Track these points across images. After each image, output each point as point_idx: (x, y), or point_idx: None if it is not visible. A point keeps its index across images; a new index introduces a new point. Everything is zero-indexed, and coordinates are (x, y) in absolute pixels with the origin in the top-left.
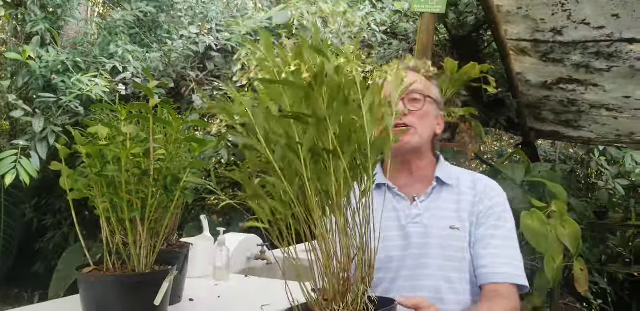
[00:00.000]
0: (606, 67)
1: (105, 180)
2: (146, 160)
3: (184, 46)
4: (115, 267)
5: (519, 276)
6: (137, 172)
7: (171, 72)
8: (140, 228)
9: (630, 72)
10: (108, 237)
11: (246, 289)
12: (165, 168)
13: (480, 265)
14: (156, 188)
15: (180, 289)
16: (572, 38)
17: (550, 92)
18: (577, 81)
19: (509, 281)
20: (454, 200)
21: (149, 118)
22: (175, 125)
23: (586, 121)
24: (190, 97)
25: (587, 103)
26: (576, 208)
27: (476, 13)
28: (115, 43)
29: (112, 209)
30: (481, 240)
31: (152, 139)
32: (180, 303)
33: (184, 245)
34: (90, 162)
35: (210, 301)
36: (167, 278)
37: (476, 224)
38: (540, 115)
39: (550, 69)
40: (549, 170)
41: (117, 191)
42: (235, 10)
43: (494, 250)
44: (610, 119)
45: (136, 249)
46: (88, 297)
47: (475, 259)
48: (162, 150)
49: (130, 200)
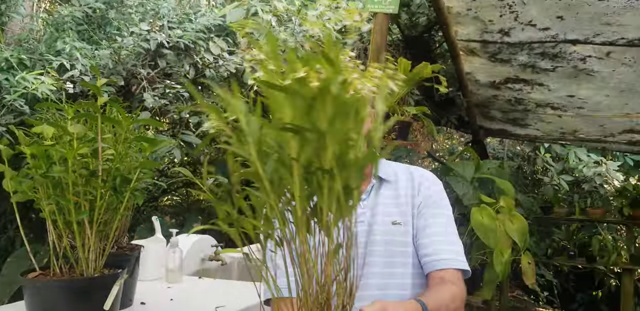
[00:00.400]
0: (551, 67)
1: (51, 181)
2: (94, 160)
3: (134, 43)
4: (63, 272)
5: (461, 262)
6: (85, 173)
7: (121, 70)
8: (88, 230)
9: (574, 72)
10: (55, 241)
11: (200, 291)
12: (115, 169)
13: (424, 254)
14: (105, 190)
15: (131, 292)
16: (519, 39)
17: (498, 92)
18: (524, 81)
19: (453, 267)
20: (394, 196)
21: (97, 117)
22: (124, 124)
23: (532, 119)
24: (141, 95)
25: (533, 102)
26: (523, 203)
27: (428, 14)
28: (63, 40)
29: (58, 211)
30: (422, 230)
31: (101, 139)
32: (131, 307)
33: (134, 247)
34: (35, 162)
35: (163, 305)
36: (117, 281)
37: (417, 216)
38: (488, 114)
39: (498, 69)
40: (497, 167)
41: (63, 193)
42: (188, 7)
43: (435, 238)
44: (555, 117)
45: (84, 252)
46: (34, 303)
47: (419, 249)
48: (111, 150)
49: (77, 202)
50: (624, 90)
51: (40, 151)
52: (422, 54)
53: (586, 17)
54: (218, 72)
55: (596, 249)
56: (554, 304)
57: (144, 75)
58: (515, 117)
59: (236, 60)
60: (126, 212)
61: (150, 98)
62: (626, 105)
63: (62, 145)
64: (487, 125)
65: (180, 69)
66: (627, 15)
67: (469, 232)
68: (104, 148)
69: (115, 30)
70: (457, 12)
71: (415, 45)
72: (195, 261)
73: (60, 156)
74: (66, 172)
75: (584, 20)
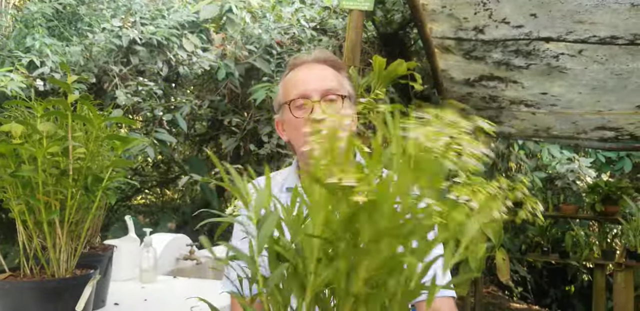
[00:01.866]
0: (525, 64)
1: (20, 180)
2: (65, 159)
3: (106, 40)
4: (34, 273)
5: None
6: (55, 172)
7: (93, 67)
8: (59, 231)
9: (547, 70)
10: (25, 241)
11: (174, 291)
12: (86, 168)
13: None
14: (76, 189)
15: (104, 293)
16: (493, 36)
17: (473, 89)
18: (498, 78)
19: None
20: None
21: (67, 115)
22: (95, 122)
23: (506, 117)
24: (113, 93)
25: (507, 99)
26: None
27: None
28: (32, 36)
29: (28, 211)
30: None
31: (71, 137)
32: (104, 308)
33: (107, 247)
34: (3, 161)
35: (137, 305)
36: (89, 282)
37: None
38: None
39: (472, 67)
40: None
41: (33, 192)
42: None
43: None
44: (529, 115)
45: (55, 253)
46: (4, 305)
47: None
48: (82, 148)
49: (47, 202)
50: (596, 87)
51: (9, 150)
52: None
53: (559, 15)
54: (192, 69)
55: (569, 245)
56: (528, 299)
57: (116, 72)
58: (489, 114)
59: (210, 58)
60: (98, 212)
61: (123, 95)
62: (598, 103)
63: (32, 143)
64: None
65: (153, 66)
66: (598, 14)
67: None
68: (75, 146)
69: (87, 27)
70: (432, 10)
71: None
72: (170, 261)
73: (30, 155)
74: (36, 171)
75: (557, 18)
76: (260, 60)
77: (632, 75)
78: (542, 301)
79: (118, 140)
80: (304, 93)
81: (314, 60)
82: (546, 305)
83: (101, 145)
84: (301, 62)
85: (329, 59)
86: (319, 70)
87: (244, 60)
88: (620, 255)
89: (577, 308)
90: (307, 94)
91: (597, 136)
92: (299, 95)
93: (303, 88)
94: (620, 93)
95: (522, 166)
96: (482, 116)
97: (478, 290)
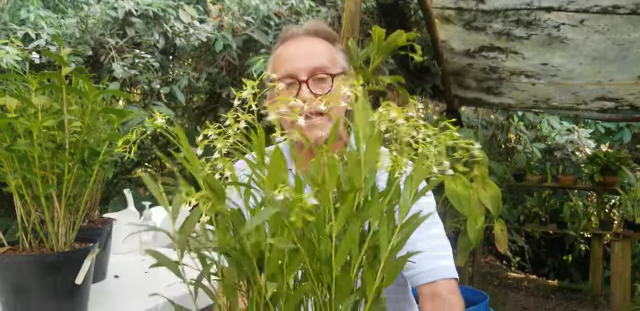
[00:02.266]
0: (526, 34)
1: (16, 155)
2: (61, 133)
3: (101, 11)
4: (32, 246)
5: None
6: (51, 146)
7: (89, 39)
8: (57, 204)
9: (548, 40)
10: (23, 215)
11: None
12: (82, 142)
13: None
14: (73, 163)
15: (104, 266)
16: (494, 6)
17: (473, 60)
18: (499, 49)
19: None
20: None
21: (62, 89)
22: (90, 96)
23: (506, 88)
24: (110, 66)
25: (508, 70)
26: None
27: None
28: (27, 8)
29: (25, 186)
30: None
31: (67, 110)
32: (104, 280)
33: (106, 220)
34: None
35: (137, 277)
36: (89, 255)
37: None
38: (463, 83)
39: (473, 37)
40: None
41: (30, 166)
42: None
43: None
44: (529, 85)
45: (54, 227)
46: (3, 279)
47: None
48: (78, 122)
49: (44, 176)
50: (597, 58)
51: (4, 124)
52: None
53: None
54: (189, 41)
55: (567, 215)
56: (525, 269)
57: (113, 44)
58: (489, 85)
59: (207, 29)
60: (96, 185)
61: (120, 68)
62: (599, 73)
63: (27, 117)
64: (461, 94)
65: (150, 38)
66: None
67: (443, 201)
68: (71, 120)
69: None
70: None
71: (390, 12)
72: None
73: (25, 129)
74: (32, 145)
75: None
76: (258, 32)
77: (634, 45)
78: (540, 270)
79: (114, 114)
80: (291, 73)
81: (305, 32)
82: (544, 274)
83: (97, 118)
84: (291, 34)
85: (320, 30)
86: (309, 45)
87: (242, 32)
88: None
89: (574, 277)
90: (294, 74)
91: (597, 107)
92: (286, 74)
93: (290, 67)
94: (621, 64)
95: (522, 137)
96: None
97: (476, 260)
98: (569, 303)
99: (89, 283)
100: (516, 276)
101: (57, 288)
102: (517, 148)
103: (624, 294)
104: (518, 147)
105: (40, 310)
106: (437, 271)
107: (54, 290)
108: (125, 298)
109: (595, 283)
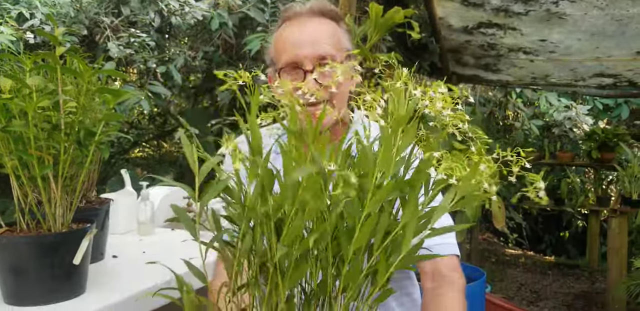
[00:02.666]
0: (524, 10)
1: (11, 136)
2: (56, 113)
3: None
4: (30, 227)
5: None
6: (47, 127)
7: (83, 18)
8: (53, 185)
9: (546, 16)
10: (20, 196)
11: (172, 243)
12: (78, 122)
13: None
14: (68, 143)
15: (102, 246)
16: None
17: (471, 37)
18: (497, 25)
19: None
20: None
21: (56, 69)
22: (85, 75)
23: (504, 64)
24: (105, 45)
25: (506, 47)
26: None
27: None
28: None
29: (21, 167)
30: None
31: (61, 91)
32: (103, 261)
33: (103, 201)
34: None
35: (135, 257)
36: (86, 236)
37: None
38: (461, 60)
39: (471, 14)
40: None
41: (25, 147)
42: None
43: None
44: (527, 62)
45: (51, 208)
46: (1, 260)
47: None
48: (74, 102)
49: (40, 157)
50: (595, 33)
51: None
52: None
53: None
54: (184, 20)
55: (564, 192)
56: (523, 245)
57: (108, 23)
58: (487, 62)
59: (203, 7)
60: (93, 166)
61: (115, 47)
62: (597, 49)
63: (21, 98)
64: (459, 71)
65: (145, 17)
66: None
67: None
68: (66, 100)
69: None
70: None
71: None
72: (167, 214)
73: (20, 109)
74: (27, 126)
75: None
76: (254, 10)
77: (632, 20)
78: (537, 247)
79: (109, 94)
80: (295, 59)
81: (309, 12)
82: (541, 250)
83: (93, 98)
84: (294, 14)
85: (325, 9)
86: (314, 27)
87: (238, 10)
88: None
89: (571, 253)
90: (298, 61)
91: (595, 83)
92: (290, 61)
93: (294, 54)
94: (620, 39)
95: (520, 114)
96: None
97: (474, 237)
98: (566, 279)
99: (87, 263)
100: (513, 253)
101: (55, 268)
102: (515, 125)
103: (621, 269)
104: (516, 124)
105: (38, 291)
106: (438, 247)
107: (51, 270)
108: (124, 278)
109: (592, 259)
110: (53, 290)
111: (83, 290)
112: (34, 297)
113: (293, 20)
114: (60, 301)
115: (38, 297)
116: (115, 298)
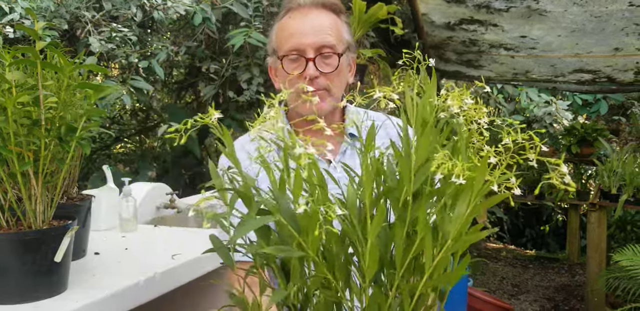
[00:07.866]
0: (505, 7)
1: None
2: (36, 108)
3: None
4: (10, 225)
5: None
6: (27, 122)
7: (64, 13)
8: (34, 182)
9: (527, 12)
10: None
11: (155, 239)
12: (59, 118)
13: None
14: (49, 139)
15: (84, 243)
16: None
17: (453, 33)
18: (478, 21)
19: None
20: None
21: (37, 63)
22: (66, 70)
23: (486, 60)
24: (86, 40)
25: (487, 43)
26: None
27: None
28: None
29: (1, 163)
30: None
31: (42, 86)
32: (85, 258)
33: (85, 197)
34: None
35: (117, 254)
36: (67, 233)
37: None
38: (444, 56)
39: (453, 10)
40: None
41: (5, 143)
42: None
43: None
44: (508, 58)
45: (31, 204)
46: None
47: None
48: (54, 97)
49: (20, 153)
50: (575, 30)
51: None
52: None
53: None
54: (167, 14)
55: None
56: (504, 239)
57: (89, 18)
58: (469, 58)
59: (186, 2)
60: (74, 162)
61: (97, 42)
62: (576, 45)
63: (1, 93)
64: (442, 67)
65: (127, 12)
66: None
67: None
68: (46, 96)
69: None
70: None
71: None
72: (151, 210)
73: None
74: (6, 121)
75: None
76: (237, 5)
77: (611, 17)
78: (518, 241)
79: (91, 89)
80: (298, 47)
81: (312, 3)
82: (522, 244)
83: (74, 94)
84: (297, 5)
85: (327, 2)
86: (316, 18)
87: (221, 5)
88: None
89: (551, 246)
90: (301, 49)
91: (575, 79)
92: (293, 49)
93: (297, 42)
94: (599, 36)
95: (501, 110)
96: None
97: None
98: (547, 272)
99: (69, 260)
100: (495, 247)
101: (37, 266)
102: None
103: (600, 263)
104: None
105: (19, 289)
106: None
107: (33, 267)
108: (106, 276)
109: (572, 253)
110: (34, 287)
111: (65, 288)
112: (15, 295)
113: (296, 11)
114: (42, 299)
115: (19, 295)
116: (97, 295)
